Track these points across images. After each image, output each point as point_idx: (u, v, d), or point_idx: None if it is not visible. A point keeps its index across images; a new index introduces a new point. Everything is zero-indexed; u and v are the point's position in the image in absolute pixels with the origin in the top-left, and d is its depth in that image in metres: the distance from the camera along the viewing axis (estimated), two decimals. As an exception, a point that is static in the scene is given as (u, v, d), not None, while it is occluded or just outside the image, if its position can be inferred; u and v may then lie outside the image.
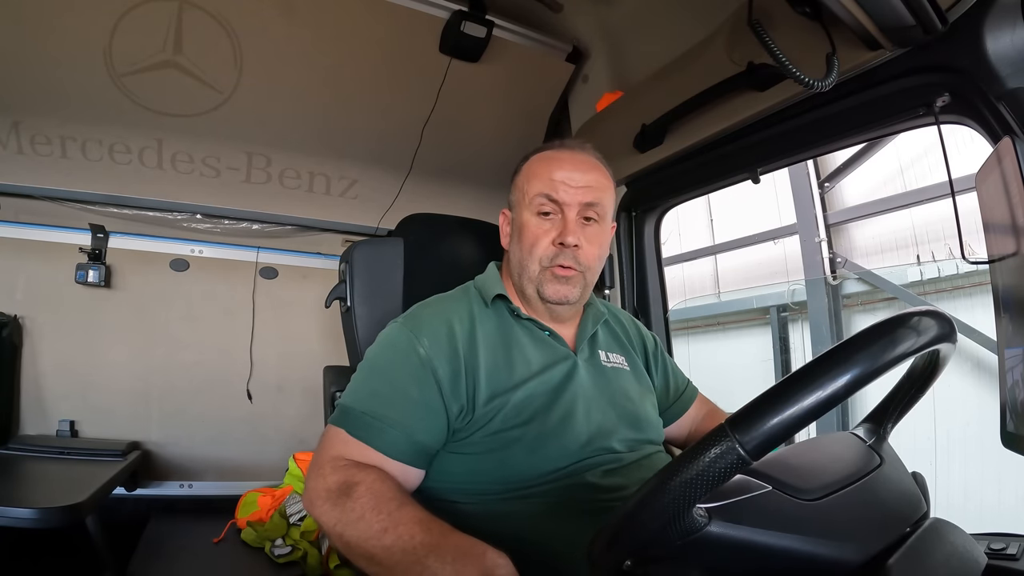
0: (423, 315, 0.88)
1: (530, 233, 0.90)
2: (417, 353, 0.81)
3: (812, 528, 0.50)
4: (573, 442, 0.82)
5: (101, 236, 1.97)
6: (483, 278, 0.98)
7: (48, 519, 1.27)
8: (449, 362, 0.81)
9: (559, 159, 0.93)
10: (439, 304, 0.92)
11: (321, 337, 2.25)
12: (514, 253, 0.94)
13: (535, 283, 0.90)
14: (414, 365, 0.80)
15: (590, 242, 0.90)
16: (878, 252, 3.19)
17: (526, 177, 0.94)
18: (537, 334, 0.92)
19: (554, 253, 0.89)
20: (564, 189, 0.89)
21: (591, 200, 0.90)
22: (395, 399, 0.79)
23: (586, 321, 0.97)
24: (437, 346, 0.82)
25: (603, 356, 0.96)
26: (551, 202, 0.89)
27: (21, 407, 1.89)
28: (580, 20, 1.70)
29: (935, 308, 0.51)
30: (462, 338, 0.84)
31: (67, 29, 1.51)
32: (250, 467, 2.16)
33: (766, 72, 1.04)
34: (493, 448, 0.80)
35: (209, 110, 1.77)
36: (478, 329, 0.87)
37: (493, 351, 0.86)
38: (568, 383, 0.87)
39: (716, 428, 0.44)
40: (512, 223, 0.96)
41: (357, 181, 2.13)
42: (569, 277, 0.89)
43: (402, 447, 0.77)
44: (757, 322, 3.92)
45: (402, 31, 1.63)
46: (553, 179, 0.90)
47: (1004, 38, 0.76)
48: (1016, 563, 0.69)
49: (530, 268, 0.90)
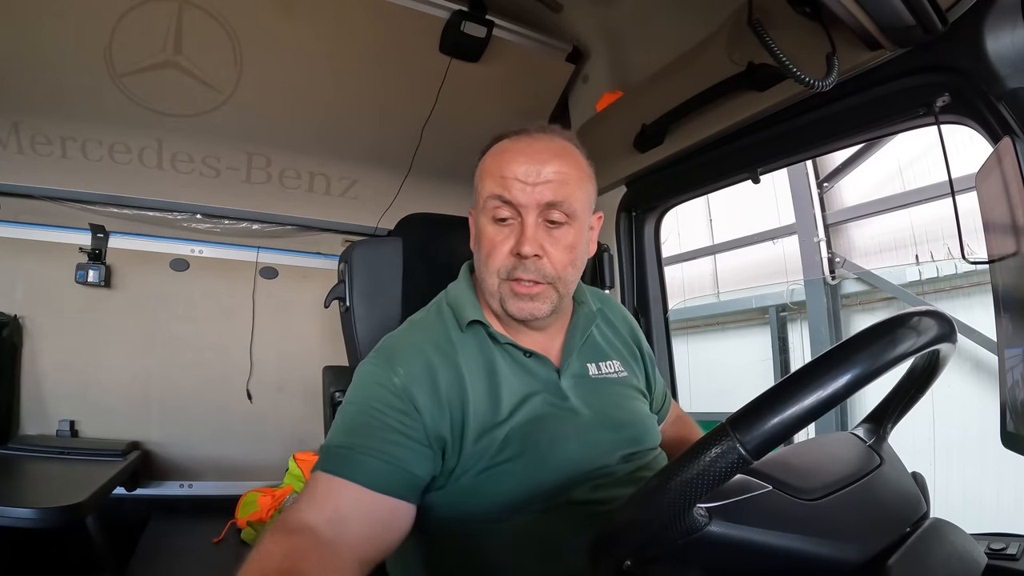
0: (395, 346, 0.79)
1: (486, 241, 0.78)
2: (392, 383, 0.73)
3: (812, 528, 0.50)
4: (566, 469, 0.76)
5: (101, 236, 1.97)
6: (455, 294, 0.86)
7: (48, 519, 1.27)
8: (429, 395, 0.73)
9: (512, 151, 0.79)
10: (412, 334, 0.81)
11: (321, 337, 2.25)
12: (476, 262, 0.83)
13: (497, 298, 0.79)
14: (390, 395, 0.72)
15: (557, 248, 0.77)
16: (877, 252, 3.20)
17: (480, 175, 0.82)
18: (518, 359, 0.81)
19: (512, 265, 0.77)
20: (519, 188, 0.76)
21: (553, 199, 0.76)
22: (373, 428, 0.70)
23: (575, 329, 0.87)
24: (413, 376, 0.74)
25: (593, 369, 0.87)
26: (505, 204, 0.77)
27: (21, 407, 1.89)
28: (580, 20, 1.70)
29: (935, 308, 0.51)
30: (443, 371, 0.76)
31: (67, 29, 1.51)
32: (250, 467, 2.16)
33: (766, 72, 1.03)
34: (481, 484, 0.74)
35: (209, 110, 1.77)
36: (460, 359, 0.78)
37: (478, 382, 0.77)
38: (556, 410, 0.80)
39: (717, 428, 0.45)
40: (475, 225, 0.84)
41: (357, 181, 2.13)
42: (534, 294, 0.77)
43: (387, 477, 0.67)
44: (756, 322, 3.92)
45: (402, 31, 1.62)
46: (505, 176, 0.77)
47: (1004, 38, 0.76)
48: (1016, 563, 0.69)
49: (488, 282, 0.79)
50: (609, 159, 1.43)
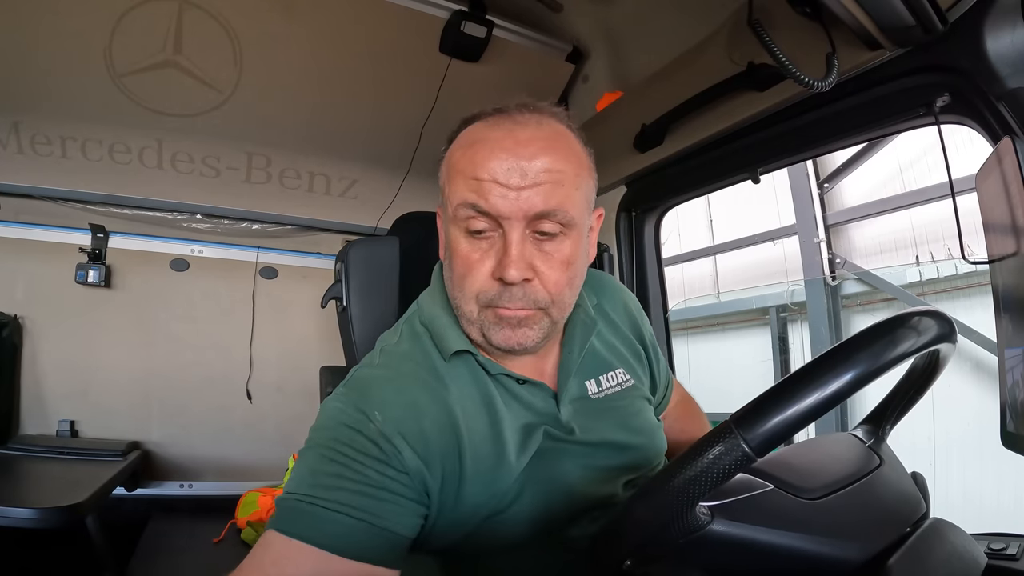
0: (369, 382, 0.64)
1: (459, 261, 0.63)
2: (367, 428, 0.59)
3: (814, 527, 0.51)
4: (565, 507, 0.67)
5: (101, 236, 1.97)
6: (431, 315, 0.70)
7: (48, 519, 1.27)
8: (416, 441, 0.60)
9: (489, 142, 0.61)
10: (388, 367, 0.66)
11: (321, 337, 2.25)
12: (447, 280, 0.68)
13: (478, 327, 0.64)
14: (365, 440, 0.59)
15: (550, 266, 0.62)
16: (877, 252, 3.20)
17: (446, 173, 0.65)
18: (512, 388, 0.68)
19: (495, 292, 0.62)
20: (499, 195, 0.59)
21: (544, 209, 0.59)
22: (344, 478, 0.56)
23: (571, 343, 0.72)
24: (393, 420, 0.60)
25: (592, 387, 0.74)
26: (482, 215, 0.60)
27: (21, 407, 1.90)
28: (580, 20, 1.70)
29: (935, 308, 0.51)
30: (431, 412, 0.63)
31: (67, 29, 1.51)
32: (250, 467, 2.16)
33: (766, 72, 1.03)
34: (474, 532, 0.64)
35: (209, 110, 1.77)
36: (450, 396, 0.65)
37: (475, 422, 0.64)
38: (556, 443, 0.68)
39: (720, 425, 0.45)
40: (443, 232, 0.68)
41: (357, 181, 2.13)
42: (522, 317, 0.63)
43: (359, 537, 0.54)
44: (756, 322, 3.93)
45: (402, 31, 1.62)
46: (480, 179, 0.60)
47: (1004, 38, 0.76)
48: (1016, 563, 0.69)
49: (465, 309, 0.64)
50: (609, 159, 1.43)
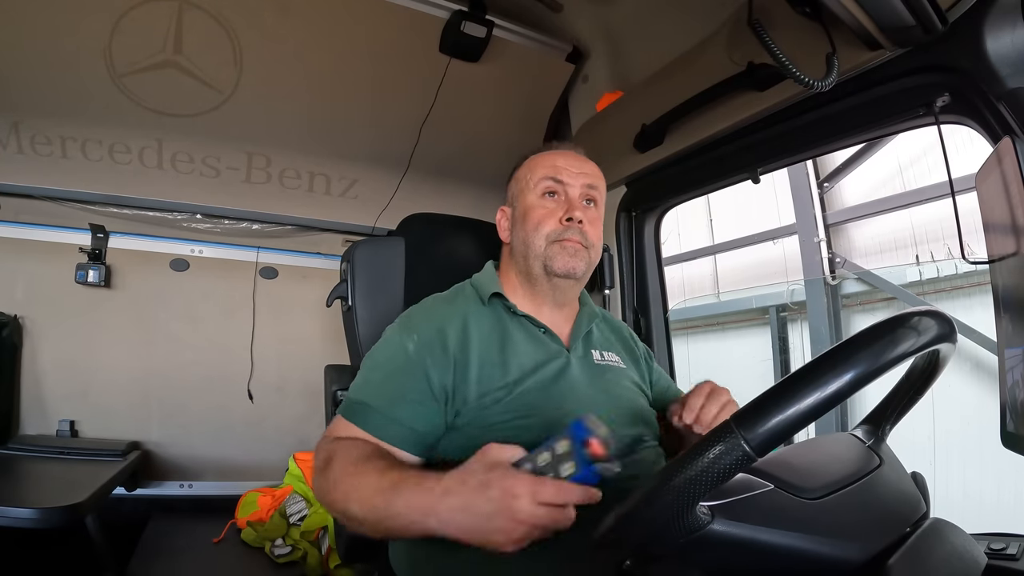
0: (414, 315, 0.94)
1: (536, 214, 0.95)
2: (406, 349, 0.86)
3: (814, 527, 0.51)
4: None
5: (101, 236, 1.97)
6: (480, 276, 1.01)
7: (48, 519, 1.27)
8: (437, 359, 0.85)
9: (554, 154, 1.00)
10: (432, 305, 0.96)
11: (321, 337, 2.25)
12: (517, 237, 0.98)
13: (542, 259, 0.94)
14: (403, 359, 0.86)
15: (591, 220, 0.96)
16: (877, 252, 3.20)
17: (529, 168, 1.00)
18: (532, 331, 0.94)
19: (561, 229, 0.93)
20: (567, 173, 0.97)
21: (591, 183, 0.98)
22: (384, 388, 0.85)
23: (581, 320, 1.01)
24: (425, 342, 0.86)
25: (596, 355, 0.98)
26: (556, 182, 0.96)
27: (21, 407, 1.90)
28: (580, 20, 1.70)
29: (935, 308, 0.51)
30: (453, 337, 0.88)
31: (67, 29, 1.51)
32: (250, 467, 2.16)
33: (766, 72, 1.04)
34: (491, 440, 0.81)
35: (209, 110, 1.77)
36: (471, 328, 0.90)
37: (487, 350, 0.89)
38: (561, 379, 0.90)
39: (721, 424, 0.45)
40: (513, 214, 1.00)
41: (357, 181, 2.13)
42: (577, 250, 0.93)
43: (389, 430, 0.82)
44: (756, 322, 3.92)
45: (402, 31, 1.63)
46: (556, 165, 0.97)
47: (1004, 38, 0.76)
48: (1016, 563, 0.69)
49: (536, 245, 0.94)
50: (609, 159, 1.43)
